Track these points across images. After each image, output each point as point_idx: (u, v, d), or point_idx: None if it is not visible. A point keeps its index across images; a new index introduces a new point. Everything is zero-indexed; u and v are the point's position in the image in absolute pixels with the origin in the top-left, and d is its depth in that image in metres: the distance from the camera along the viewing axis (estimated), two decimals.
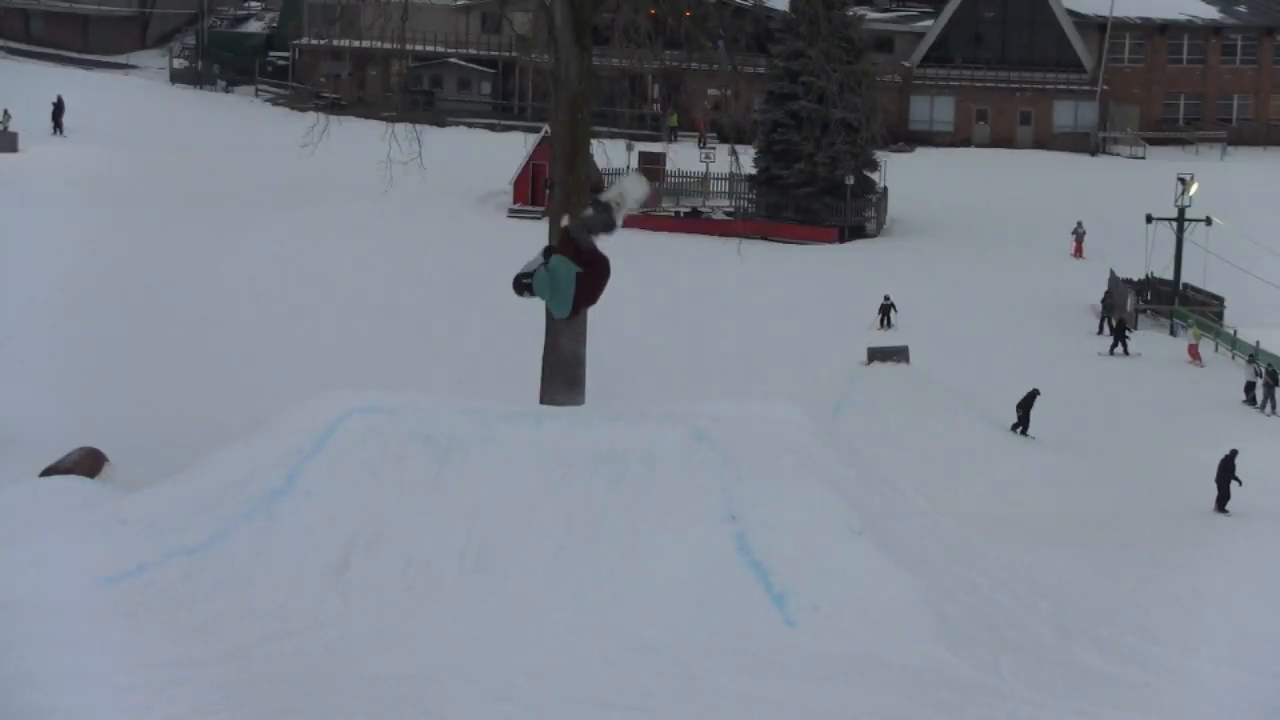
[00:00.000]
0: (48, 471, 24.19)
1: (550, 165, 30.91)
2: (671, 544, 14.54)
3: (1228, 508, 29.10)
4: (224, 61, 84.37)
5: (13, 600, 13.66)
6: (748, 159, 56.26)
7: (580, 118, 24.66)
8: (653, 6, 26.42)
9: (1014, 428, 34.46)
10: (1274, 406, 38.31)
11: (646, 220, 60.38)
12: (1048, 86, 77.33)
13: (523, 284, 12.78)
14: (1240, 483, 29.21)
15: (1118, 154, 76.38)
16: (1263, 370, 39.18)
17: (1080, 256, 56.46)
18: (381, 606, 13.97)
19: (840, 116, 59.23)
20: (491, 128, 75.09)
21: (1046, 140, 77.01)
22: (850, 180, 59.62)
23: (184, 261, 46.12)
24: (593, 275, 12.75)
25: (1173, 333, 47.89)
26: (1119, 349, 44.09)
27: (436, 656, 12.70)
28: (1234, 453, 29.43)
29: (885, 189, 63.00)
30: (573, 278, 12.65)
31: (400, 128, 25.43)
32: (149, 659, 12.26)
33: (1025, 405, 34.45)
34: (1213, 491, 29.20)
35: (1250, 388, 38.82)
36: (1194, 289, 49.85)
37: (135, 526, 15.57)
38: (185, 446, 25.25)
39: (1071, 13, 77.61)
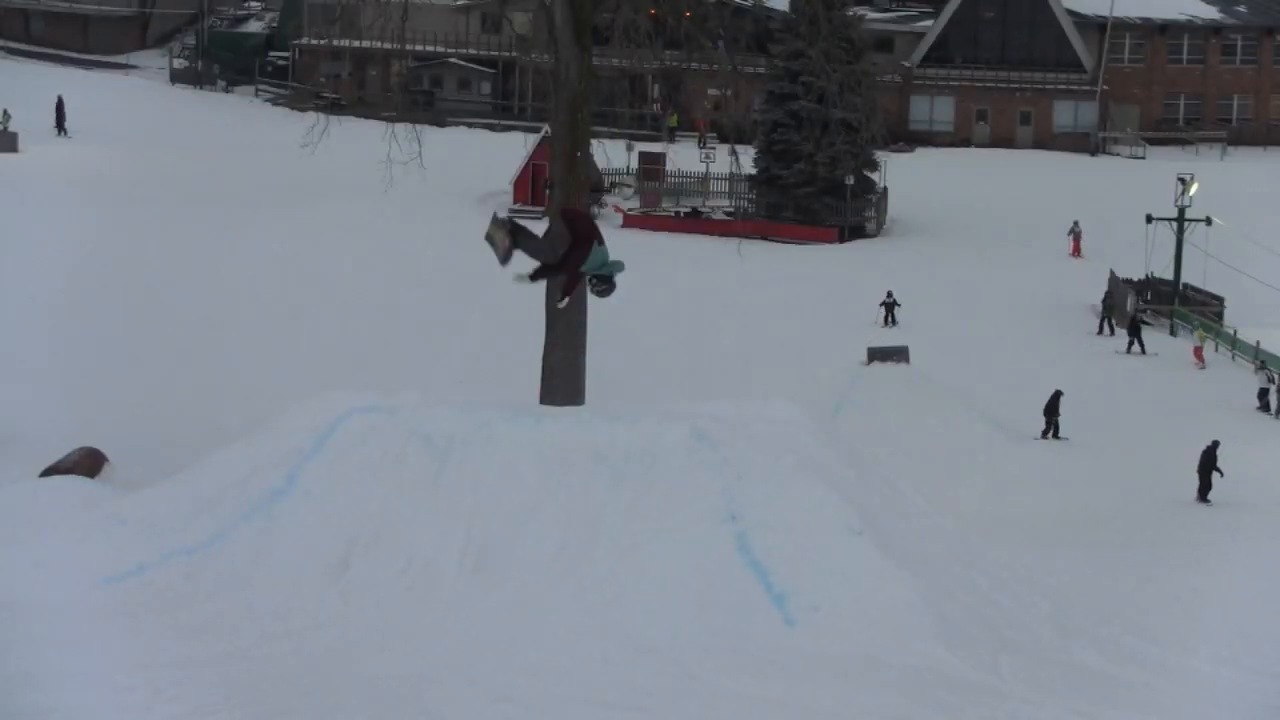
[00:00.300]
0: (48, 471, 24.19)
1: (550, 165, 30.92)
2: (671, 544, 14.54)
3: (1210, 497, 29.41)
4: (224, 61, 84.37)
5: (13, 600, 13.66)
6: (748, 159, 56.24)
7: (580, 118, 24.67)
8: (653, 6, 26.42)
9: (1044, 434, 34.08)
10: None
11: (647, 220, 60.47)
12: (1048, 86, 77.32)
13: (607, 290, 13.68)
14: (1222, 474, 29.38)
15: (1118, 154, 76.38)
16: (1276, 377, 39.07)
17: (1078, 256, 56.48)
18: (381, 606, 13.97)
19: (840, 116, 59.22)
20: (491, 128, 75.08)
21: (1046, 140, 77.01)
22: (850, 180, 59.62)
23: (184, 261, 46.13)
24: (594, 231, 13.62)
25: (1173, 333, 47.87)
26: (1135, 347, 44.06)
27: (436, 656, 12.70)
28: (1215, 444, 29.66)
29: (885, 189, 62.99)
30: (601, 246, 13.44)
31: (400, 128, 25.42)
32: (149, 659, 12.26)
33: (1052, 409, 34.14)
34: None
35: (1264, 394, 38.57)
36: (1194, 289, 49.83)
37: (135, 526, 15.57)
38: (185, 446, 25.24)
39: (1071, 13, 77.60)
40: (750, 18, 55.93)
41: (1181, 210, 50.31)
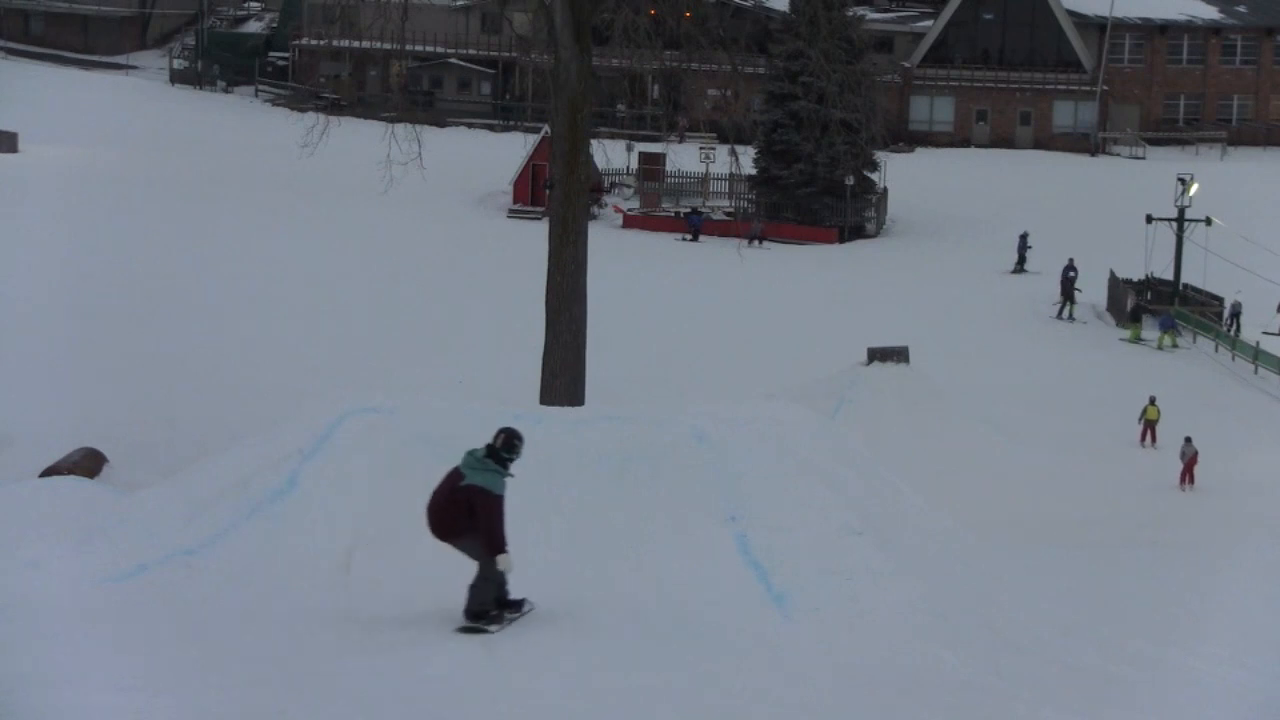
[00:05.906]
0: (48, 471, 24.20)
1: (550, 165, 30.90)
2: (671, 544, 14.53)
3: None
4: (224, 62, 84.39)
5: (13, 601, 13.65)
6: (748, 159, 56.25)
7: (580, 118, 24.66)
8: (653, 6, 26.41)
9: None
10: None
11: (647, 220, 60.48)
12: (1048, 86, 77.34)
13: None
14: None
15: (1118, 154, 76.44)
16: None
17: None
18: (381, 607, 13.95)
19: (840, 116, 59.20)
20: (491, 128, 75.13)
21: (1046, 140, 77.04)
22: (850, 180, 59.63)
23: (184, 261, 46.13)
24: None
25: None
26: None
27: (436, 657, 12.68)
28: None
29: (885, 189, 62.99)
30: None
31: (400, 128, 25.41)
32: (149, 659, 12.25)
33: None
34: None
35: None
36: (1194, 289, 49.85)
37: (135, 526, 15.55)
38: (185, 446, 25.24)
39: (1071, 13, 77.65)
40: (750, 18, 55.98)
41: (1181, 210, 50.29)
